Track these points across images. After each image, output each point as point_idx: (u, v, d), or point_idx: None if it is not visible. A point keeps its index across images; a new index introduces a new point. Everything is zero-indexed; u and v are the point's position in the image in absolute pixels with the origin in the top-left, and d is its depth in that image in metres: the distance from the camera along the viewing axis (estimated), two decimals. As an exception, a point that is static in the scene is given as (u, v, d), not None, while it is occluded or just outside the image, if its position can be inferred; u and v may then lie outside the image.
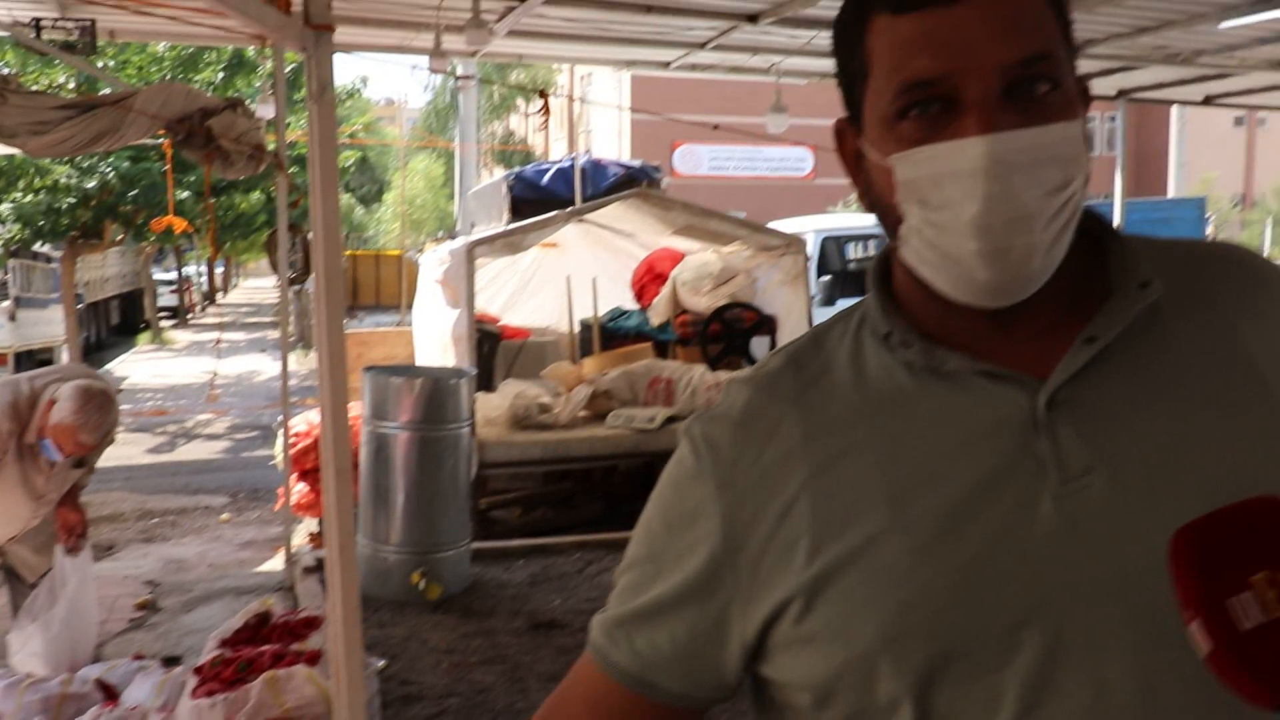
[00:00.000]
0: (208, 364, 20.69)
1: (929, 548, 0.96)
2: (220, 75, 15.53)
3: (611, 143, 34.07)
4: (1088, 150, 0.99)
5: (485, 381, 8.54)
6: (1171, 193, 31.70)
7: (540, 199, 12.33)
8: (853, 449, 1.02)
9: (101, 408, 4.29)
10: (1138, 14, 8.07)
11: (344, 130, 24.65)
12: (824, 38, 8.27)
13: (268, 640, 4.19)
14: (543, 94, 8.03)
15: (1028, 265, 0.96)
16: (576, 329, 9.68)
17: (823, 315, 8.77)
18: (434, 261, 8.74)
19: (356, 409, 6.80)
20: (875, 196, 1.04)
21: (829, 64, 1.05)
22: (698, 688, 1.11)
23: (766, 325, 8.78)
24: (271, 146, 5.45)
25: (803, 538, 1.00)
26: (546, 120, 8.58)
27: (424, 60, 8.19)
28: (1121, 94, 11.34)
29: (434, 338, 8.55)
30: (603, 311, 9.52)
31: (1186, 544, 0.83)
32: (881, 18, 0.98)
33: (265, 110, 7.92)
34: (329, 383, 2.56)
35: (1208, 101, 12.00)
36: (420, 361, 9.01)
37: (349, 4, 7.39)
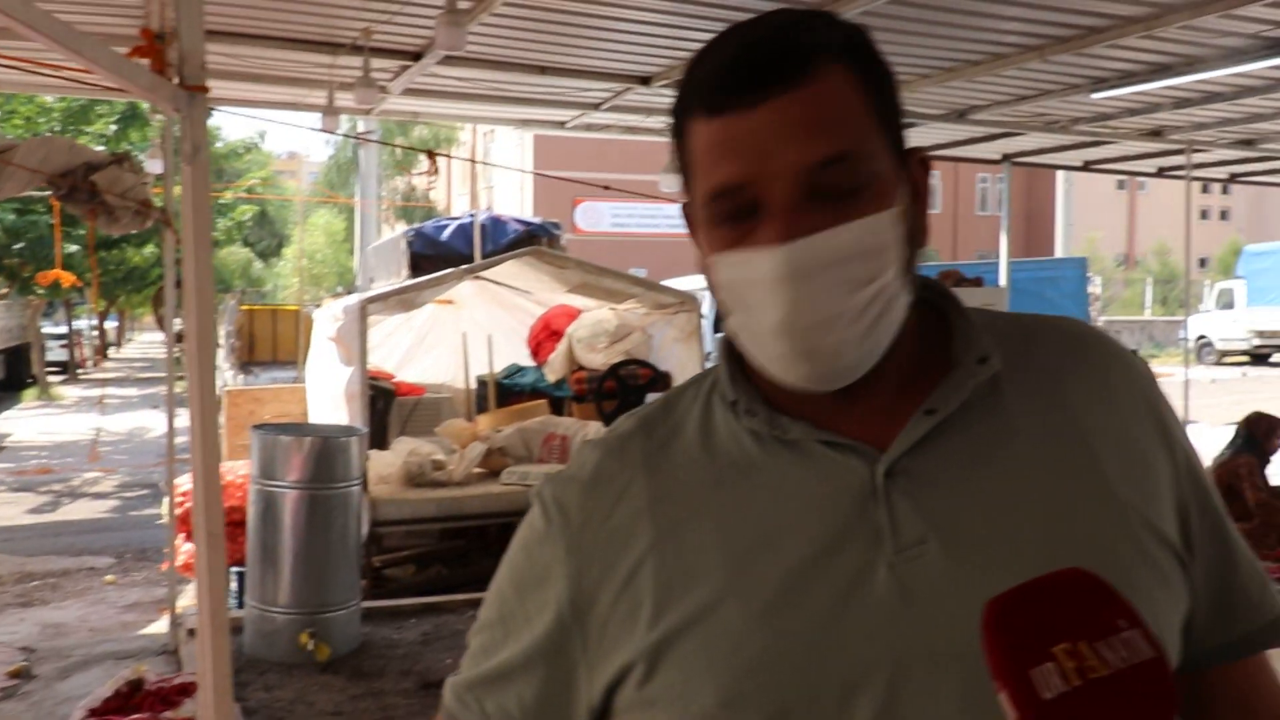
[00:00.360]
0: (97, 420, 20.14)
1: (766, 613, 0.97)
2: (113, 128, 15.29)
3: (514, 198, 34.18)
4: (919, 225, 1.03)
5: (379, 438, 8.47)
6: (1059, 252, 32.66)
7: (440, 255, 12.33)
8: (696, 514, 1.03)
9: None
10: (1017, 83, 8.39)
11: (241, 184, 24.41)
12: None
13: (138, 709, 4.09)
14: (430, 154, 8.03)
15: (840, 360, 0.98)
16: (473, 385, 9.67)
17: (717, 371, 8.82)
18: (328, 318, 8.67)
19: (246, 467, 6.70)
20: (710, 284, 1.05)
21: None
22: None
23: (661, 382, 8.85)
24: (160, 202, 5.39)
25: (646, 602, 1.01)
26: (433, 180, 8.56)
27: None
28: (1006, 158, 11.72)
29: (327, 395, 8.46)
30: (499, 368, 9.53)
31: (996, 615, 0.86)
32: (696, 120, 0.99)
33: (154, 165, 7.82)
34: (200, 445, 2.54)
35: (1087, 167, 12.47)
36: (314, 419, 8.90)
37: (241, 60, 7.36)
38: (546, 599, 1.07)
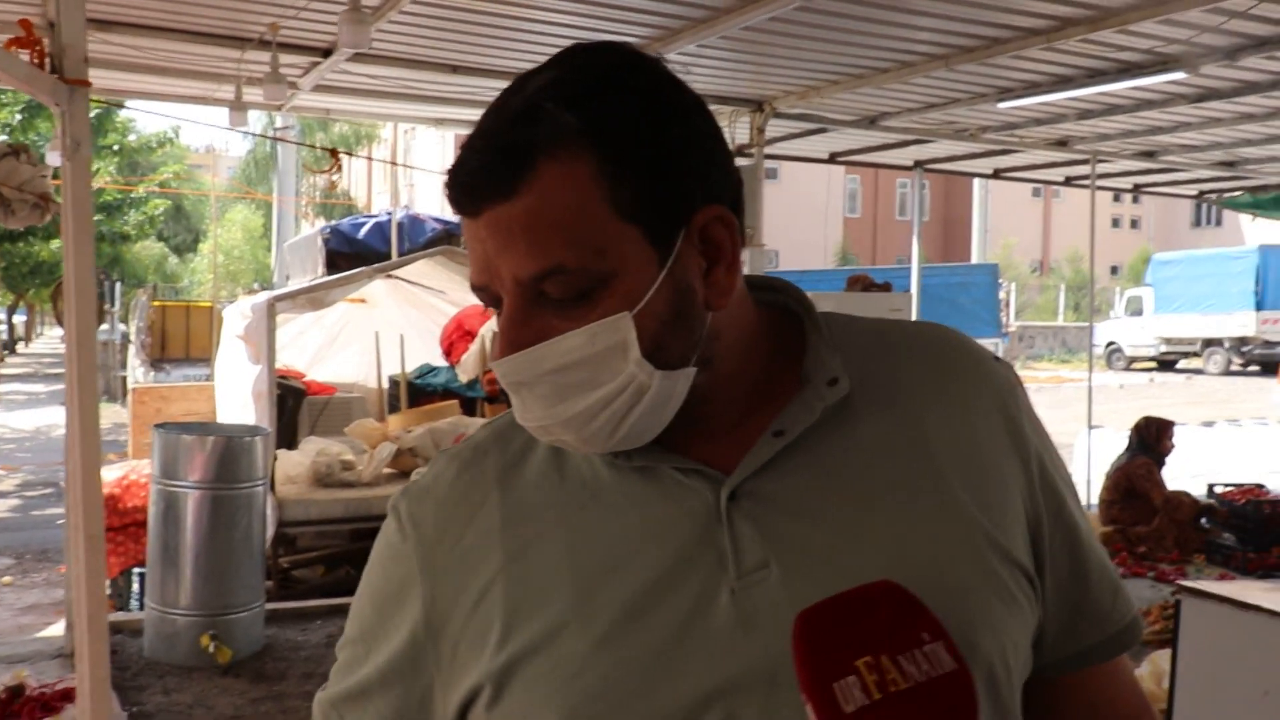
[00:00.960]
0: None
1: (609, 638, 0.97)
2: (18, 117, 14.91)
3: (435, 197, 33.95)
4: (717, 285, 0.99)
5: (289, 438, 8.38)
6: (975, 258, 33.24)
7: (356, 253, 12.20)
8: (544, 536, 1.03)
9: None
10: (926, 91, 8.52)
11: (154, 178, 23.95)
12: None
13: (17, 716, 4.00)
14: (334, 152, 7.95)
15: (596, 446, 1.00)
16: (385, 385, 9.60)
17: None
18: (236, 315, 8.56)
19: (149, 467, 6.59)
20: None
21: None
22: None
23: (573, 382, 8.85)
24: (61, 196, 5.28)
25: (495, 624, 1.01)
26: (337, 177, 8.49)
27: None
28: (918, 164, 11.88)
29: (236, 394, 8.35)
30: (411, 368, 9.47)
31: (803, 628, 0.87)
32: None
33: (56, 158, 7.66)
34: (79, 445, 2.50)
35: (997, 175, 12.69)
36: (222, 418, 8.78)
37: (146, 53, 7.24)
38: (402, 618, 1.07)
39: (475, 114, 9.48)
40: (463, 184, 0.95)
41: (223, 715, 5.29)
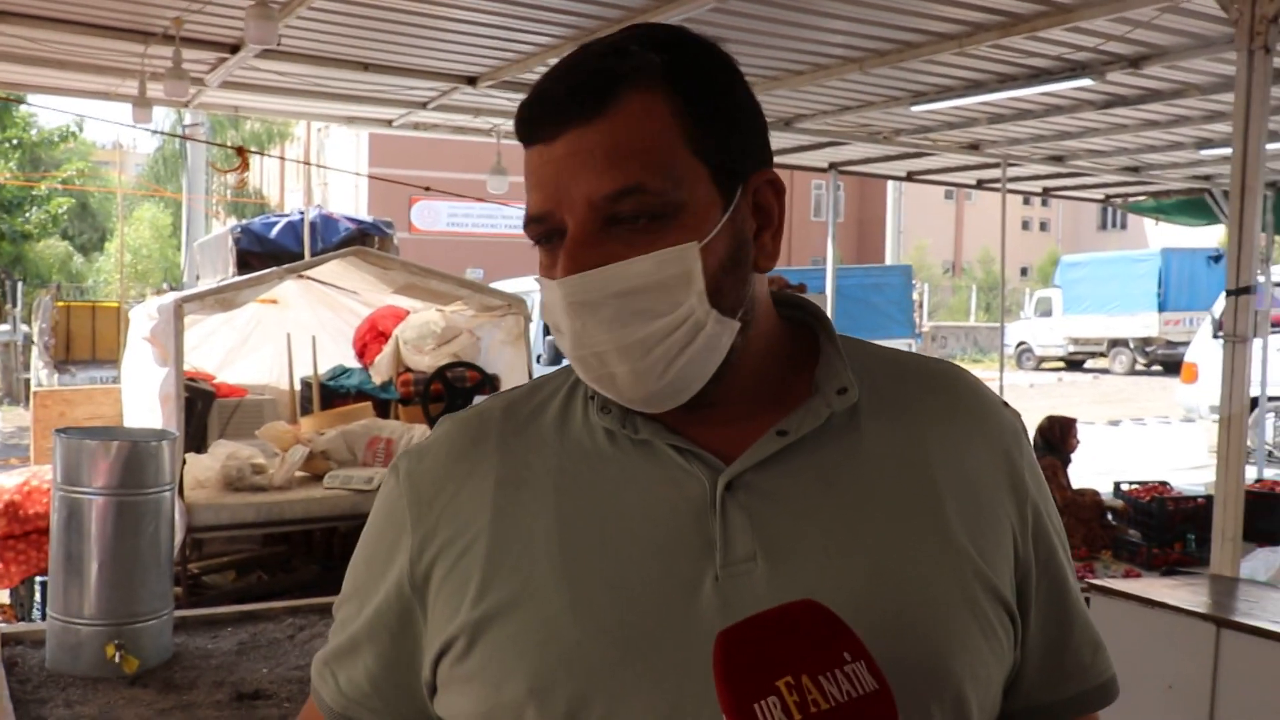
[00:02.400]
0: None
1: (589, 606, 0.98)
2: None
3: (349, 196, 33.55)
4: (764, 249, 1.04)
5: (198, 441, 8.21)
6: (889, 259, 33.67)
7: (268, 253, 12.02)
8: (537, 499, 1.04)
9: None
10: (840, 94, 8.61)
11: (57, 175, 23.32)
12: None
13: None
14: (240, 150, 7.82)
15: (641, 388, 1.00)
16: (297, 387, 9.45)
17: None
18: (143, 316, 8.36)
19: (52, 473, 6.40)
20: None
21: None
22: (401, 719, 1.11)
23: (489, 384, 8.79)
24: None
25: (474, 578, 1.02)
26: (243, 178, 8.35)
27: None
28: (832, 166, 12.02)
29: (143, 397, 8.16)
30: (324, 369, 9.33)
31: (725, 646, 0.86)
32: (524, 148, 1.02)
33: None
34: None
35: (910, 177, 12.87)
36: (129, 422, 8.57)
37: (45, 46, 7.05)
38: (391, 570, 1.08)
39: (389, 112, 9.51)
40: (547, 106, 0.99)
41: (128, 727, 5.16)
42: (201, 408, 8.54)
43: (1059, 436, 8.87)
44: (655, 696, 0.96)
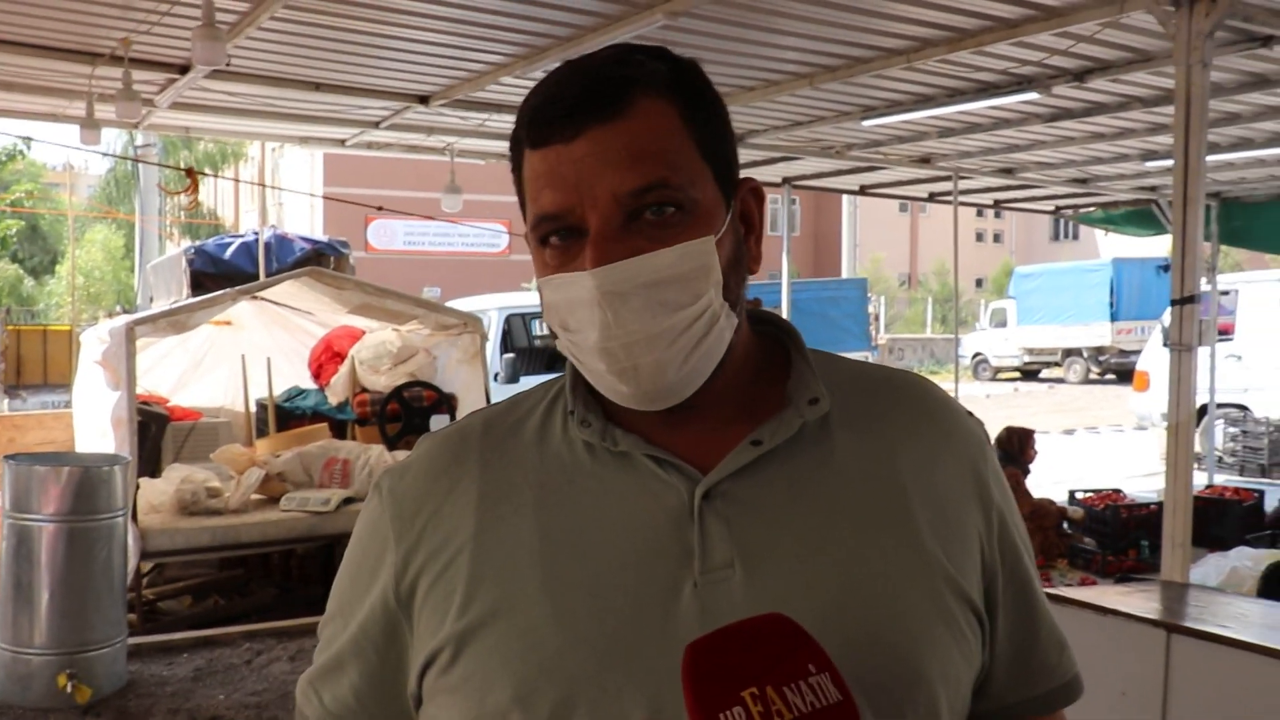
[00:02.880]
0: None
1: (569, 615, 1.01)
2: None
3: (305, 216, 33.35)
4: (750, 253, 1.09)
5: (152, 466, 8.12)
6: (844, 272, 33.85)
7: (223, 274, 11.90)
8: (519, 512, 1.06)
9: None
10: (792, 109, 8.67)
11: (5, 197, 23.00)
12: (496, 120, 8.55)
13: None
14: (190, 172, 7.76)
15: (662, 379, 1.02)
16: (252, 409, 9.37)
17: (505, 392, 8.78)
18: (94, 340, 8.27)
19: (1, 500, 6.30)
20: (542, 305, 1.11)
21: (504, 145, 1.12)
22: None
23: (446, 404, 8.76)
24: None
25: (458, 590, 1.04)
26: (194, 199, 8.28)
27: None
28: (786, 181, 12.09)
29: (94, 421, 8.05)
30: (279, 391, 9.26)
31: (692, 658, 0.88)
32: (528, 152, 1.05)
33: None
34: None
35: (863, 191, 12.97)
36: (81, 447, 8.46)
37: (-8, 67, 6.99)
38: (375, 586, 1.10)
39: (341, 132, 9.46)
40: (562, 108, 1.02)
41: (81, 757, 5.08)
42: (155, 431, 8.45)
43: (1018, 448, 8.95)
44: (636, 702, 0.97)
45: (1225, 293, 14.70)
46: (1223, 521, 8.37)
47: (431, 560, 1.07)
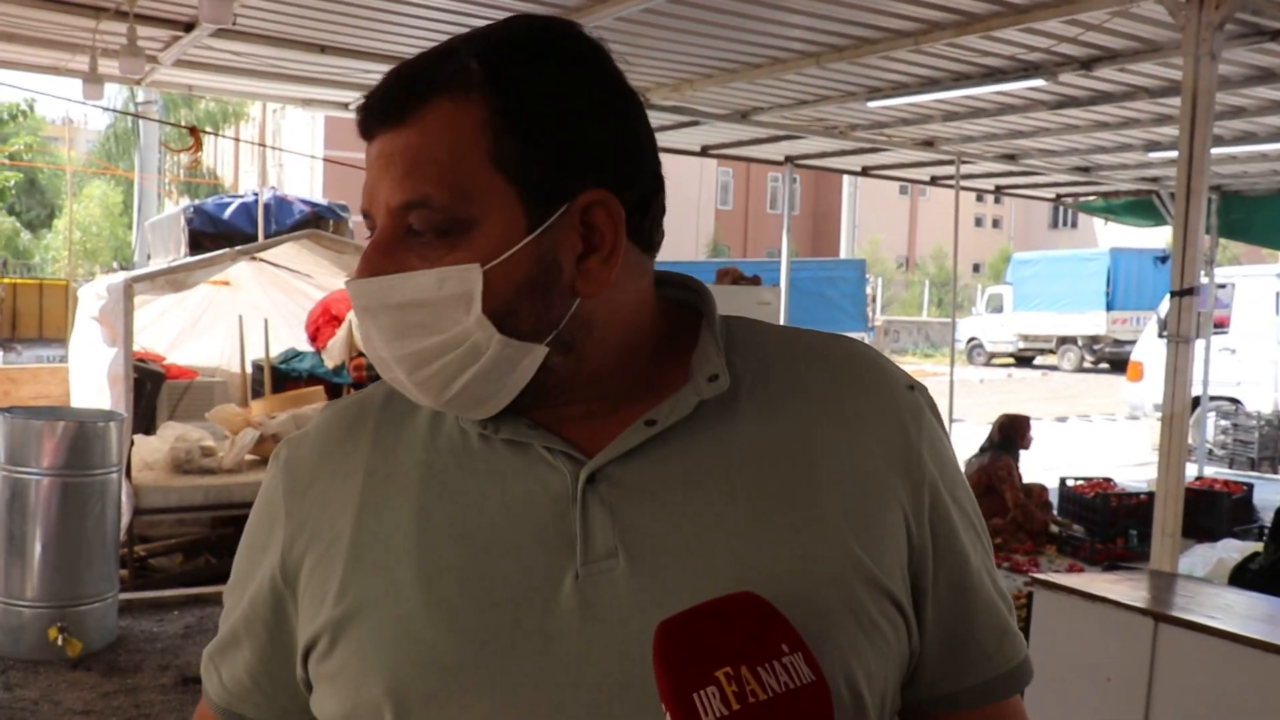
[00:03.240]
0: None
1: (445, 605, 0.96)
2: None
3: (304, 178, 33.24)
4: (593, 272, 0.98)
5: (147, 423, 8.14)
6: (843, 253, 33.84)
7: (221, 234, 11.89)
8: (401, 494, 1.02)
9: None
10: (797, 88, 8.63)
11: (3, 149, 22.89)
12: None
13: None
14: (193, 130, 7.73)
15: (428, 398, 1.00)
16: (248, 370, 9.38)
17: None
18: (92, 295, 8.26)
19: None
20: None
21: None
22: (286, 715, 1.10)
23: (442, 370, 8.77)
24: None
25: (337, 574, 1.01)
26: (196, 158, 8.25)
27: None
28: (788, 159, 12.04)
29: (90, 377, 8.05)
30: (275, 352, 9.26)
31: (663, 638, 0.87)
32: None
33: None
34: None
35: (865, 172, 12.93)
36: (76, 402, 8.46)
37: (-8, 17, 6.95)
38: (265, 562, 1.07)
39: (344, 95, 9.40)
40: (366, 107, 0.98)
41: (71, 710, 5.11)
42: (151, 389, 8.46)
43: (1019, 434, 8.98)
44: (511, 699, 0.94)
45: (1222, 286, 14.72)
46: (1212, 513, 8.42)
47: (315, 540, 1.04)
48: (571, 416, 1.03)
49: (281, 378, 9.03)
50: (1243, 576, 5.48)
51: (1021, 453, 9.13)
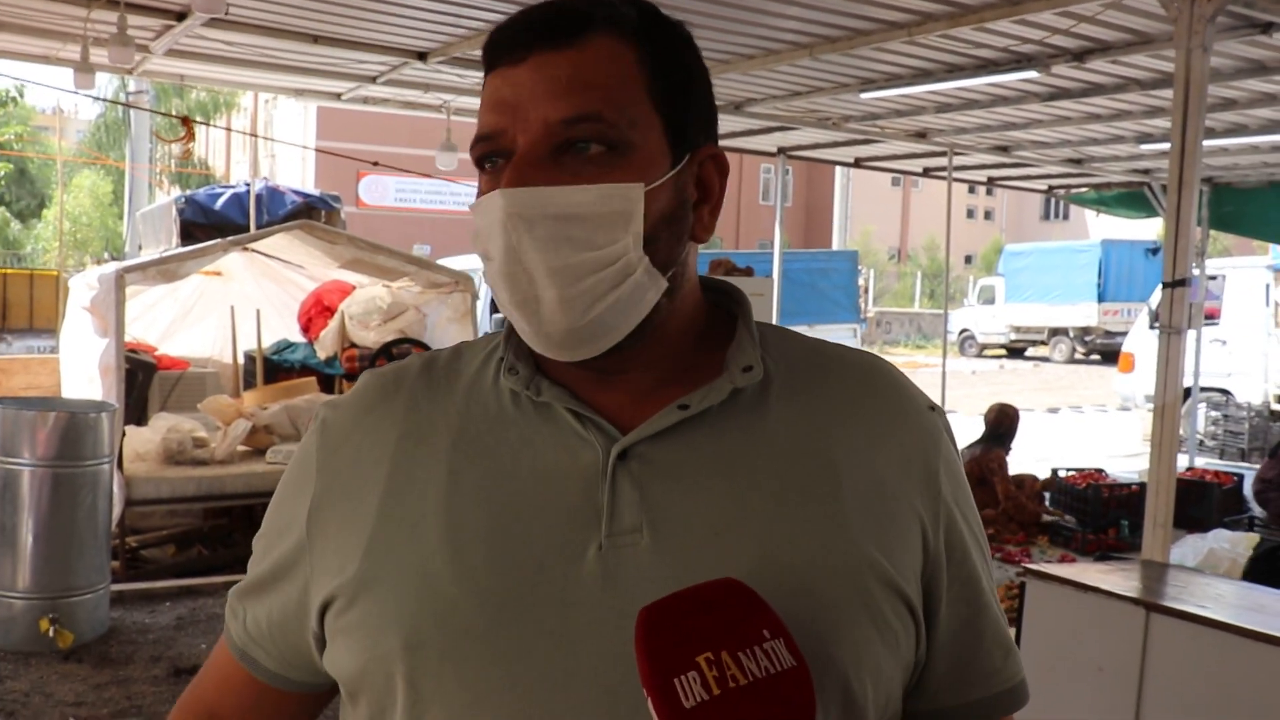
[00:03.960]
0: None
1: (469, 567, 0.98)
2: None
3: (296, 169, 33.15)
4: (700, 221, 1.05)
5: (138, 414, 8.12)
6: (835, 244, 33.83)
7: (213, 224, 11.88)
8: (432, 457, 1.04)
9: None
10: (790, 79, 8.62)
11: (-6, 139, 22.77)
12: (495, 80, 8.43)
13: None
14: (185, 120, 7.70)
15: (564, 318, 0.98)
16: (240, 361, 9.36)
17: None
18: (83, 286, 8.24)
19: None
20: None
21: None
22: (290, 669, 1.13)
23: (435, 361, 8.77)
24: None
25: (365, 531, 1.03)
26: (188, 148, 8.23)
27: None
28: (781, 151, 12.03)
29: (82, 368, 8.04)
30: (268, 343, 9.25)
31: (646, 622, 0.88)
32: (486, 77, 1.03)
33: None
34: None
35: (858, 164, 12.92)
36: (67, 393, 8.45)
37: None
38: (295, 515, 1.09)
39: (337, 85, 9.38)
40: (518, 31, 1.00)
41: (63, 702, 5.10)
42: (142, 380, 8.44)
43: (1010, 425, 9.01)
44: (525, 663, 0.95)
45: (1213, 277, 14.76)
46: (1203, 504, 8.45)
47: (343, 498, 1.06)
48: (610, 390, 1.05)
49: (274, 368, 9.02)
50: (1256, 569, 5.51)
51: (1012, 445, 9.16)
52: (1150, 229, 29.65)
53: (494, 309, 12.09)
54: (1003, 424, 8.99)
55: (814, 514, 1.00)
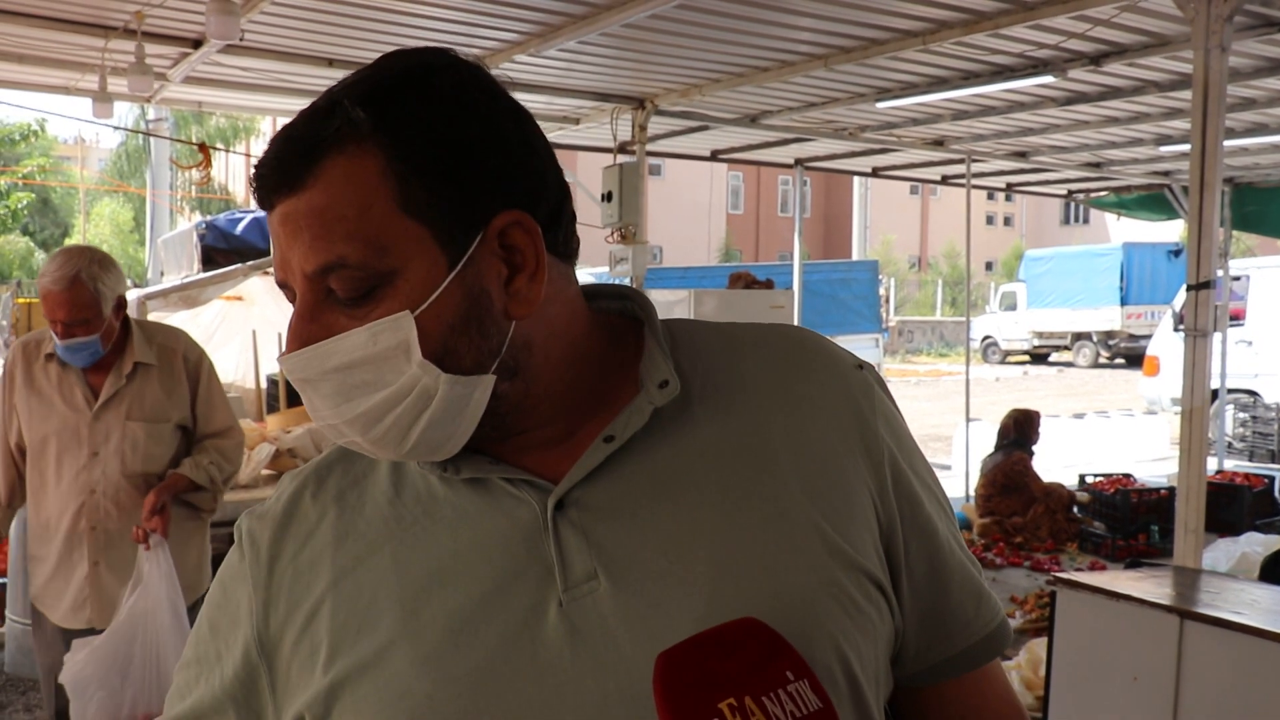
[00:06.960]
0: None
1: (435, 657, 0.96)
2: None
3: (315, 192, 33.28)
4: (519, 294, 0.97)
5: (162, 440, 8.14)
6: (855, 254, 33.75)
7: (234, 249, 11.90)
8: (375, 552, 1.01)
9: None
10: (806, 90, 8.62)
11: (17, 170, 23.00)
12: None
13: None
14: (202, 147, 7.74)
15: (387, 453, 0.98)
16: (263, 385, 9.38)
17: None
18: (105, 314, 8.28)
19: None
20: None
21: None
22: None
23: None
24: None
25: (323, 645, 1.00)
26: (207, 175, 8.27)
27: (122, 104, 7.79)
28: (798, 162, 12.02)
29: (105, 395, 8.08)
30: (290, 367, 9.26)
31: (665, 668, 0.86)
32: None
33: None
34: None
35: (876, 173, 12.91)
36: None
37: (4, 40, 6.97)
38: (236, 638, 1.05)
39: (354, 108, 9.40)
40: (260, 176, 0.95)
41: None
42: (166, 406, 8.46)
43: (1033, 428, 8.97)
44: None
45: (1237, 278, 14.67)
46: (1233, 507, 8.38)
47: (293, 613, 1.02)
48: (530, 445, 1.02)
49: (296, 392, 9.03)
50: (1274, 569, 5.43)
51: (1034, 449, 9.12)
52: (1172, 231, 29.52)
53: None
54: (1024, 428, 8.94)
55: (763, 515, 0.98)
